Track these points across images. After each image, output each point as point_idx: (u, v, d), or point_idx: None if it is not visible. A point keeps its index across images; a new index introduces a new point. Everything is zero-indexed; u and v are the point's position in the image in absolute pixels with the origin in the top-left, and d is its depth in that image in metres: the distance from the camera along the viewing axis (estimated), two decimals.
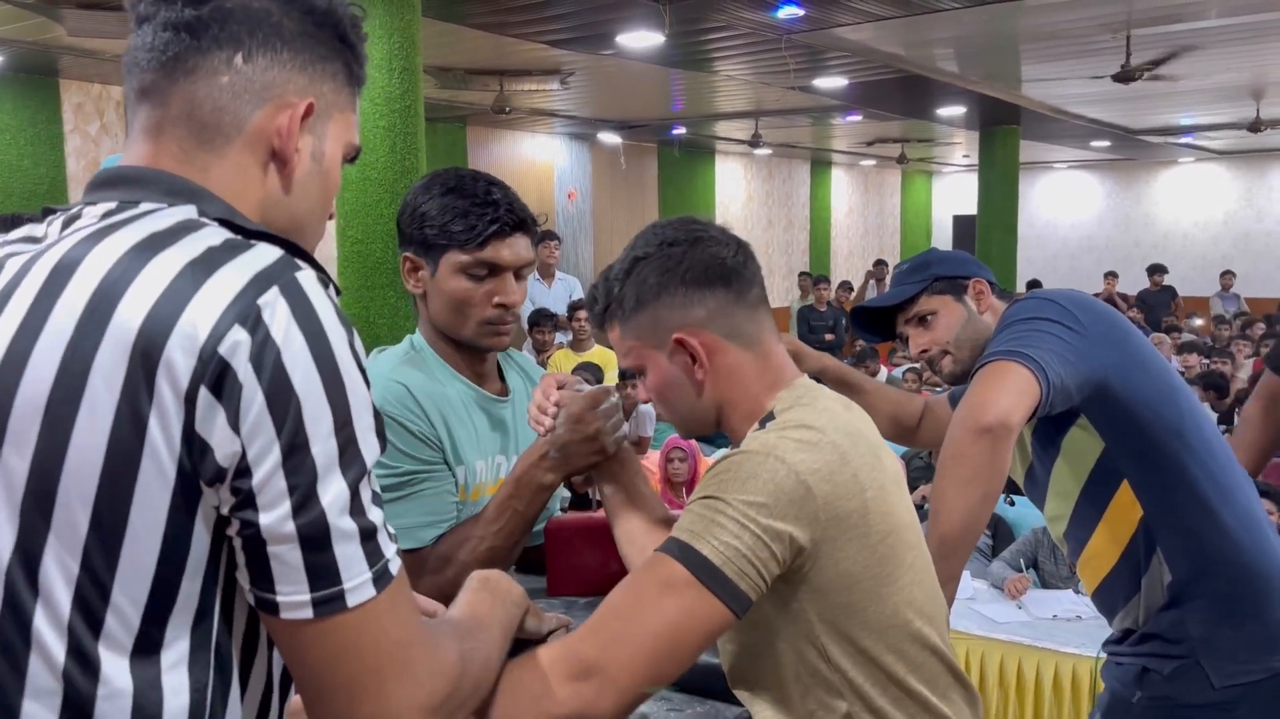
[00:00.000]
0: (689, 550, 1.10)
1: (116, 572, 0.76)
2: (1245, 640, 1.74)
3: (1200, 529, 1.76)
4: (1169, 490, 1.76)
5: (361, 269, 4.91)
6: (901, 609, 1.20)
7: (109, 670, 0.76)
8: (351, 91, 0.96)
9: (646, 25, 6.25)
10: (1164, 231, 16.50)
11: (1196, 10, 6.44)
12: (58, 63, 7.45)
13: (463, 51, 7.29)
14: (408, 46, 4.87)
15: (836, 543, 1.14)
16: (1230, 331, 10.12)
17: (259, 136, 0.88)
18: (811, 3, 5.93)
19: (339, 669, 0.79)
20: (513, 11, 5.99)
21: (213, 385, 0.74)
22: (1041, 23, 6.75)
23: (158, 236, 0.79)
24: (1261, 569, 1.76)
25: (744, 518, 1.11)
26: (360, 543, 0.78)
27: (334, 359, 0.78)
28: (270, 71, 0.88)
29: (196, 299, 0.75)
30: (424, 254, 1.63)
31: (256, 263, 0.78)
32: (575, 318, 6.60)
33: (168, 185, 0.86)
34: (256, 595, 0.78)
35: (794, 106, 9.97)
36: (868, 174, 17.67)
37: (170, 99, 0.87)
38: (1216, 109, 11.01)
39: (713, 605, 1.09)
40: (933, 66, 8.33)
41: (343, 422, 0.78)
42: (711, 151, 14.09)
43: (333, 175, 0.95)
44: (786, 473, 1.12)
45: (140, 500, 0.75)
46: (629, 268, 1.30)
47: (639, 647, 1.06)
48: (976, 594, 3.84)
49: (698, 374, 1.28)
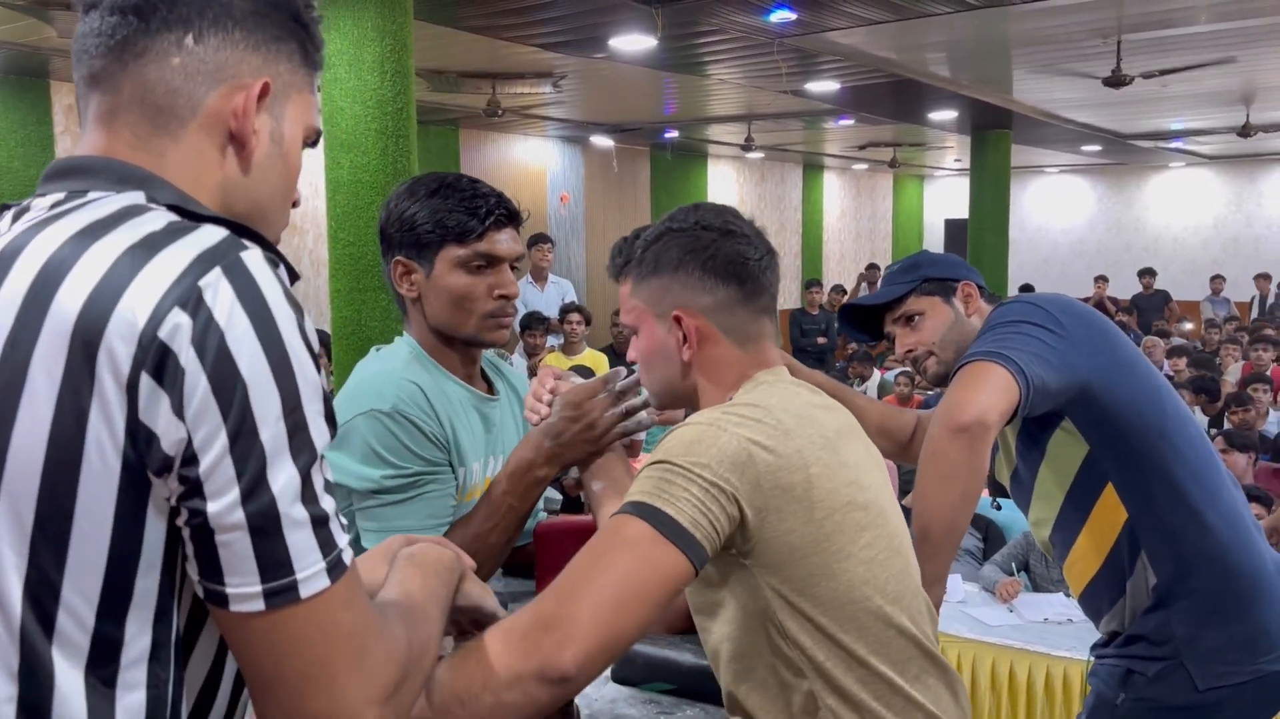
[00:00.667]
0: (643, 507, 1.13)
1: (65, 570, 0.73)
2: (1230, 642, 1.75)
3: (1184, 531, 1.76)
4: (1153, 493, 1.77)
5: (353, 271, 4.91)
6: (857, 586, 1.20)
7: (62, 670, 0.74)
8: (308, 73, 0.94)
9: (639, 29, 6.25)
10: (1154, 236, 16.55)
11: (1186, 16, 6.47)
12: (49, 64, 7.42)
13: (455, 54, 7.28)
14: (400, 49, 4.86)
15: (781, 513, 1.16)
16: (1220, 335, 10.16)
17: (215, 119, 0.86)
18: (803, 7, 5.94)
19: (289, 662, 0.75)
20: (505, 14, 5.98)
21: (154, 371, 0.72)
22: (1032, 28, 6.77)
23: (99, 223, 0.77)
24: (1245, 570, 1.76)
25: (691, 474, 1.14)
26: (313, 531, 0.75)
27: (281, 342, 0.75)
28: (223, 52, 0.86)
29: (135, 283, 0.73)
30: (417, 256, 1.63)
31: (199, 244, 0.76)
32: (567, 321, 6.59)
33: (117, 173, 0.84)
34: (205, 587, 0.75)
35: (786, 110, 9.99)
36: (860, 178, 17.70)
37: (121, 84, 0.85)
38: (1206, 114, 11.05)
39: (669, 553, 1.10)
40: (924, 71, 8.35)
41: (292, 406, 0.75)
42: (704, 155, 14.10)
43: (293, 158, 0.93)
44: (729, 438, 1.16)
45: (85, 494, 0.73)
46: (659, 234, 1.35)
47: (598, 597, 1.06)
48: (968, 597, 3.84)
49: (684, 354, 1.32)
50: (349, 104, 4.79)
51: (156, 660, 0.77)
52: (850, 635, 1.20)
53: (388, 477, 1.52)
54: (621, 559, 1.09)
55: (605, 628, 1.05)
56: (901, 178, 18.40)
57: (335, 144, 4.84)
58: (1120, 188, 17.01)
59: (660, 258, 1.34)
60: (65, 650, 0.74)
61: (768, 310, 1.35)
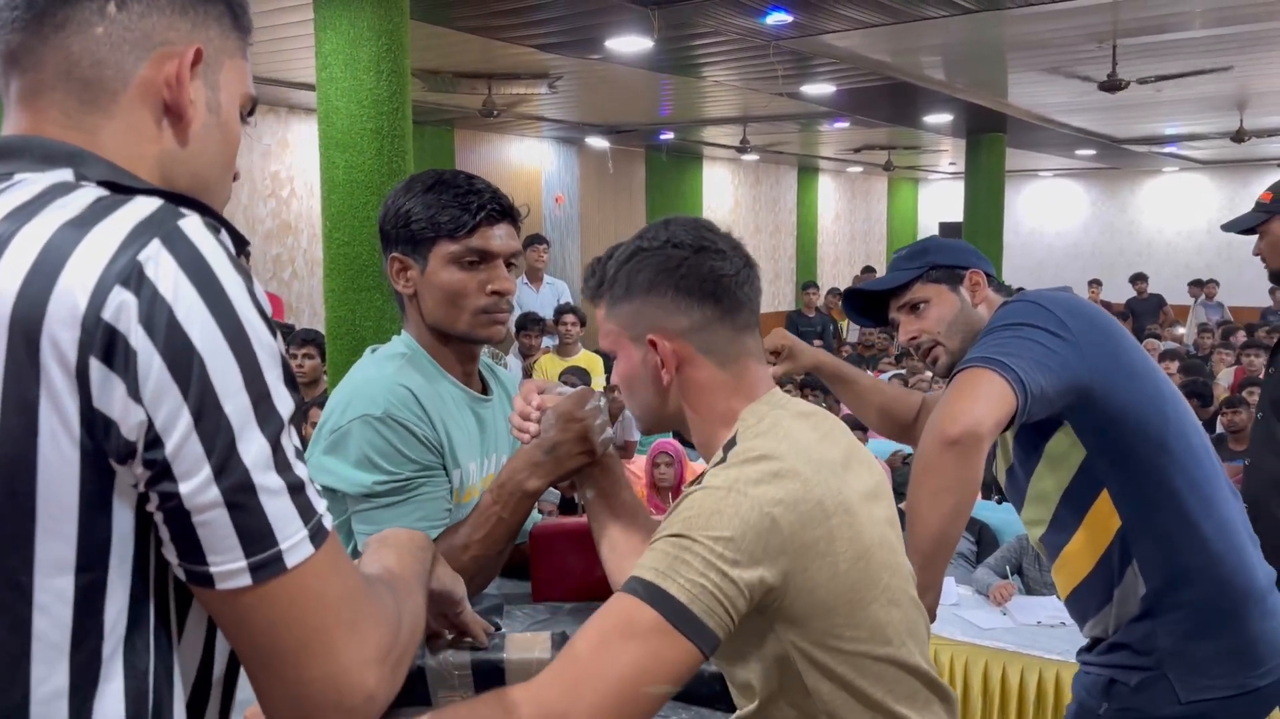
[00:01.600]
0: (654, 590, 1.07)
1: (34, 570, 0.71)
2: (1216, 655, 1.73)
3: (1178, 542, 1.74)
4: (1149, 502, 1.75)
5: (348, 271, 4.90)
6: (878, 631, 1.19)
7: (40, 672, 0.72)
8: (240, 37, 0.89)
9: (635, 30, 6.25)
10: (1148, 240, 16.61)
11: (1181, 21, 6.49)
12: None
13: (451, 54, 7.28)
14: (396, 49, 4.86)
15: (806, 572, 1.13)
16: (1212, 340, 10.18)
17: (148, 89, 0.82)
18: (800, 9, 5.95)
19: (285, 634, 0.74)
20: (501, 15, 5.98)
21: (103, 355, 0.68)
22: (1027, 32, 6.79)
23: (23, 207, 0.73)
24: (1238, 584, 1.74)
25: (711, 554, 1.08)
26: (290, 499, 0.73)
27: (233, 309, 0.72)
28: (149, 19, 0.81)
29: (71, 264, 0.69)
30: (412, 252, 1.63)
31: (133, 216, 0.72)
32: (562, 322, 6.59)
33: (42, 151, 0.79)
34: (187, 570, 0.73)
35: (782, 113, 10.00)
36: (854, 180, 17.72)
37: (44, 60, 0.80)
38: (1201, 119, 11.09)
39: (680, 646, 1.06)
40: (920, 74, 8.36)
41: (252, 375, 0.72)
42: (699, 156, 14.10)
43: (231, 128, 0.89)
44: (750, 506, 1.11)
45: (46, 491, 0.70)
46: (630, 254, 1.29)
47: (605, 692, 1.03)
48: (961, 600, 3.85)
49: (663, 378, 1.27)
50: (345, 103, 4.78)
51: (133, 651, 0.74)
52: (869, 680, 1.19)
53: (380, 482, 1.51)
54: (628, 651, 1.05)
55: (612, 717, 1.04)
56: (896, 181, 18.43)
57: (331, 144, 4.83)
58: (1114, 192, 17.06)
59: (632, 280, 1.27)
60: (44, 651, 0.72)
61: (748, 327, 1.29)
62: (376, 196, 4.82)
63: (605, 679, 1.04)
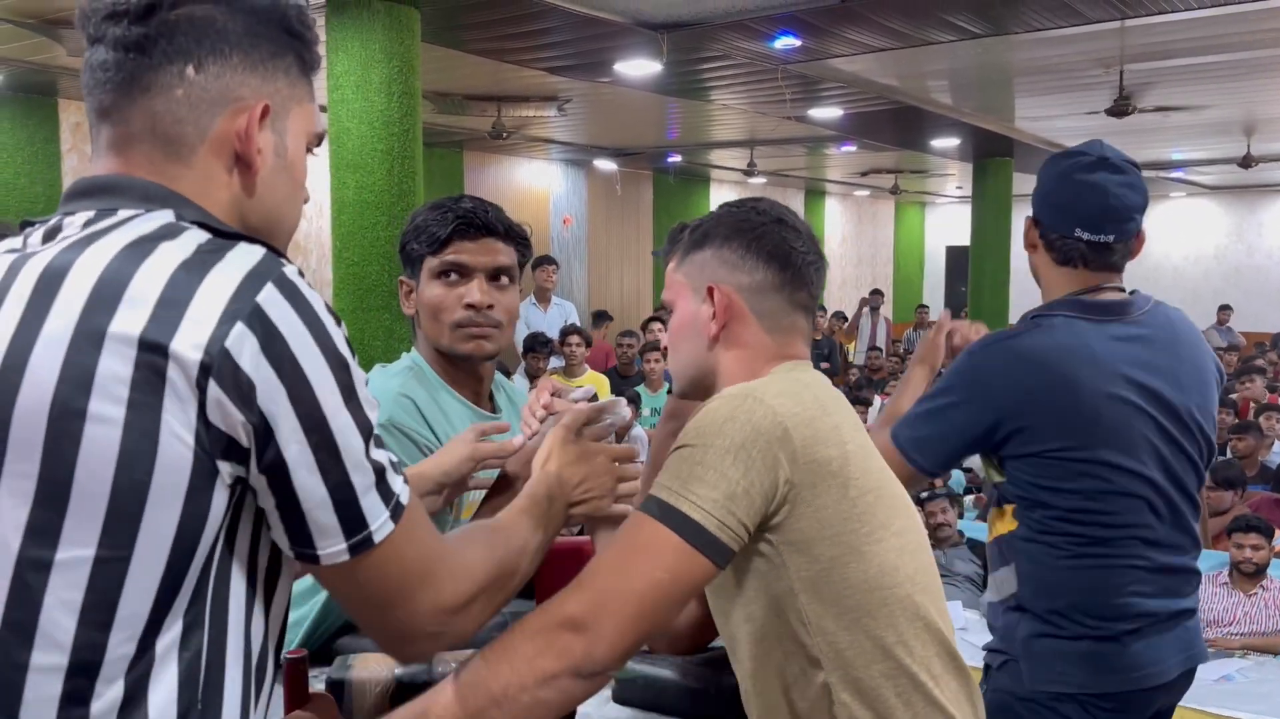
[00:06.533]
0: (669, 510, 1.12)
1: (127, 577, 0.81)
2: (1061, 654, 1.76)
3: (1056, 563, 1.77)
4: (1043, 540, 1.78)
5: (357, 291, 4.92)
6: (888, 571, 1.18)
7: (112, 653, 0.81)
8: (307, 81, 0.98)
9: (644, 54, 6.30)
10: (1155, 265, 16.59)
11: (1188, 47, 6.52)
12: (57, 83, 7.48)
13: (461, 77, 7.34)
14: (407, 71, 4.90)
15: (815, 489, 1.15)
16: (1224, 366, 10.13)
17: (221, 142, 0.91)
18: (808, 34, 5.99)
19: (372, 590, 0.91)
20: (512, 38, 6.03)
21: (221, 379, 0.80)
22: (1034, 57, 6.82)
23: (145, 240, 0.84)
24: (1109, 616, 1.75)
25: (723, 465, 1.12)
26: (377, 490, 0.88)
27: (333, 342, 0.86)
28: (223, 78, 0.91)
29: (197, 299, 0.80)
30: (412, 273, 1.69)
31: (246, 261, 0.84)
32: (567, 343, 6.60)
33: (142, 191, 0.89)
34: (298, 551, 0.88)
35: (789, 136, 10.04)
36: (861, 204, 17.76)
37: (131, 117, 0.90)
38: (1207, 145, 11.11)
39: (695, 560, 1.11)
40: (927, 98, 8.40)
41: (349, 394, 0.86)
42: (706, 179, 14.16)
43: (298, 167, 0.98)
44: (764, 413, 1.14)
45: (156, 498, 0.80)
46: (714, 214, 1.37)
47: (625, 603, 1.08)
48: (969, 625, 3.83)
49: (712, 328, 1.30)
50: (355, 125, 4.82)
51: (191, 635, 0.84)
52: (879, 622, 1.17)
53: None
54: (646, 568, 1.10)
55: (632, 630, 1.08)
56: (903, 204, 18.47)
57: (341, 164, 4.87)
58: None
59: (709, 233, 1.34)
60: (121, 634, 0.81)
61: (805, 307, 1.33)
62: (386, 217, 4.85)
63: (624, 592, 1.09)
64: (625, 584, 1.09)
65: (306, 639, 1.54)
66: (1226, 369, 9.89)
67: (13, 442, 0.80)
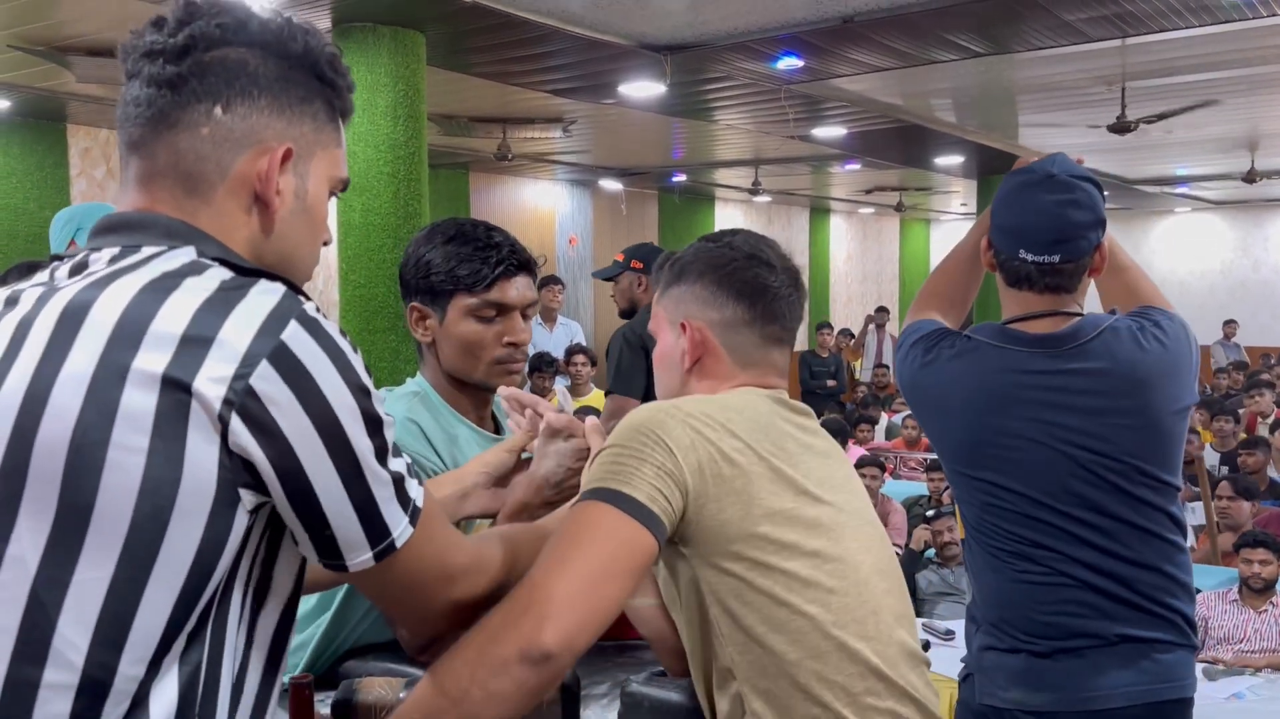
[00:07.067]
0: (601, 491, 1.17)
1: (143, 598, 0.83)
2: (1003, 667, 1.78)
3: (993, 565, 1.81)
4: (975, 547, 1.85)
5: (363, 313, 4.94)
6: (795, 592, 1.21)
7: (122, 674, 0.83)
8: (335, 127, 1.02)
9: (648, 75, 6.33)
10: (1160, 280, 16.20)
11: (1191, 63, 6.54)
12: (66, 108, 7.53)
13: (467, 100, 7.38)
14: (413, 94, 4.93)
15: (720, 503, 1.19)
16: (1228, 381, 10.13)
17: (241, 182, 0.94)
18: (810, 54, 6.01)
19: (397, 587, 0.98)
20: (516, 61, 6.07)
21: (243, 412, 0.83)
22: (1037, 74, 6.84)
23: (168, 277, 0.87)
24: (1040, 623, 1.76)
25: (643, 455, 1.18)
26: (396, 500, 0.94)
27: (355, 371, 0.89)
28: (249, 120, 0.94)
29: (221, 336, 0.83)
30: (431, 302, 1.67)
31: (269, 299, 0.87)
32: (572, 362, 6.61)
33: (165, 228, 0.92)
34: (326, 563, 0.93)
35: (793, 155, 10.07)
36: (866, 221, 17.78)
37: (157, 152, 0.93)
38: (1211, 160, 11.11)
39: (634, 529, 1.14)
40: (930, 116, 8.43)
41: (373, 423, 0.90)
42: (711, 198, 14.19)
43: (318, 211, 1.01)
44: (675, 424, 1.20)
45: (177, 522, 0.83)
46: (692, 249, 1.41)
47: (571, 575, 1.09)
48: None
49: (684, 362, 1.36)
50: (362, 148, 4.85)
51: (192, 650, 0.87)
52: (786, 639, 1.20)
53: None
54: (588, 540, 1.13)
55: (581, 604, 1.08)
56: (908, 221, 18.48)
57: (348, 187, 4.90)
58: (1126, 232, 17.05)
59: (685, 269, 1.38)
60: (132, 657, 0.83)
61: (778, 341, 1.37)
62: (392, 239, 4.88)
63: (572, 565, 1.10)
64: (569, 558, 1.11)
65: (312, 663, 1.55)
66: (1232, 385, 9.88)
67: (34, 470, 0.82)
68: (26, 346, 0.84)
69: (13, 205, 7.78)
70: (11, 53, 5.84)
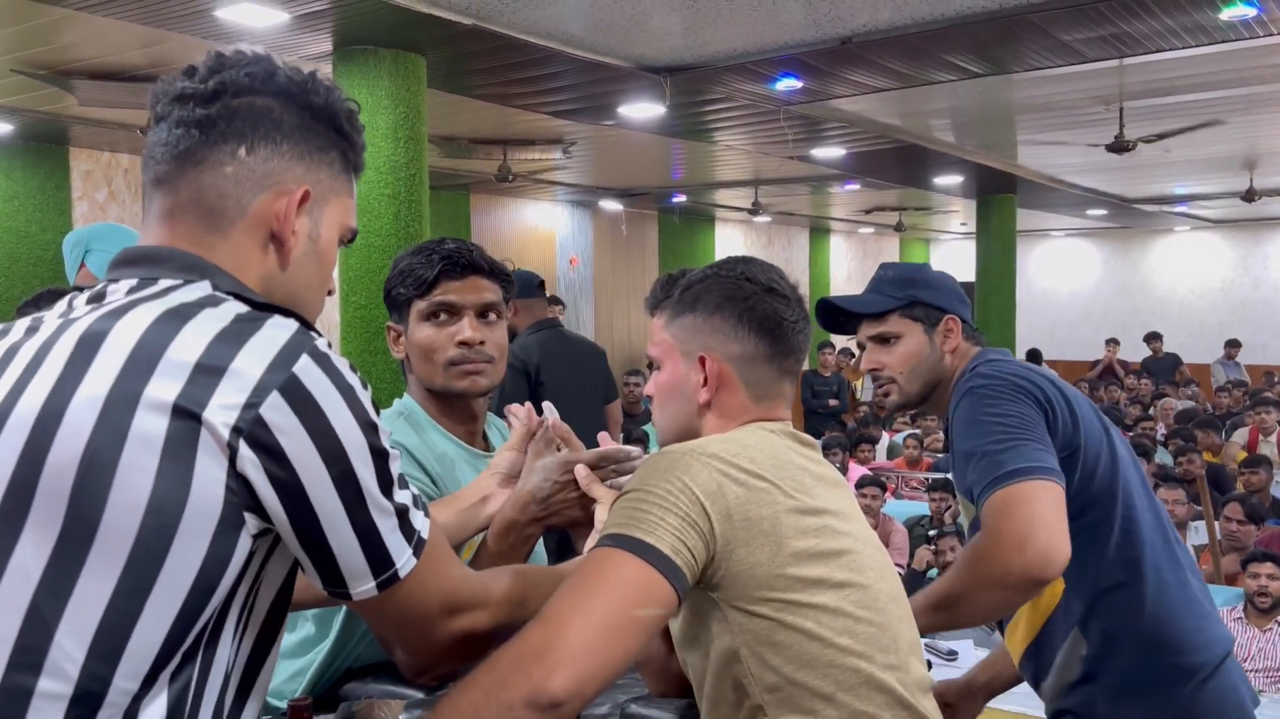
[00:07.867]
0: (620, 537, 1.14)
1: (142, 613, 0.84)
2: (1146, 717, 1.70)
3: (1116, 606, 1.71)
4: (1093, 567, 1.71)
5: (364, 334, 4.94)
6: (825, 627, 1.19)
7: (116, 687, 0.84)
8: (348, 178, 1.06)
9: (647, 97, 6.36)
10: (1161, 298, 16.58)
11: (1188, 83, 6.56)
12: (68, 131, 7.56)
13: (467, 121, 7.41)
14: (413, 117, 4.95)
15: (749, 546, 1.17)
16: (1229, 400, 10.11)
17: (259, 220, 0.99)
18: (809, 75, 6.04)
19: (399, 617, 1.00)
20: (516, 84, 6.10)
21: (252, 440, 0.86)
22: (1035, 94, 6.87)
23: (184, 308, 0.90)
24: (1173, 650, 1.70)
25: (666, 502, 1.15)
26: (400, 531, 0.96)
27: (363, 406, 0.92)
28: (270, 162, 0.98)
29: (233, 368, 0.86)
30: (399, 318, 1.71)
31: (282, 332, 0.90)
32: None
33: (181, 263, 0.96)
34: (330, 590, 0.95)
35: (792, 175, 10.10)
36: (866, 241, 17.81)
37: (180, 187, 0.97)
38: (1210, 179, 11.14)
39: (654, 580, 1.11)
40: (929, 137, 8.46)
41: (378, 453, 0.93)
42: (711, 218, 14.23)
43: (328, 255, 1.05)
44: (701, 467, 1.18)
45: (182, 540, 0.85)
46: (705, 277, 1.38)
47: (586, 624, 1.06)
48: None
49: (701, 395, 1.34)
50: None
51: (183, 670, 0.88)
52: (817, 675, 1.19)
53: None
54: (606, 588, 1.10)
55: (594, 654, 1.05)
56: (908, 241, 18.52)
57: None
58: (1126, 251, 17.09)
59: (700, 298, 1.36)
60: (126, 674, 0.85)
61: (790, 373, 1.37)
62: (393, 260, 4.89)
63: (588, 613, 1.07)
64: (585, 605, 1.08)
65: (312, 686, 1.54)
66: (1234, 404, 9.84)
67: (43, 485, 0.84)
68: (44, 370, 0.88)
69: (15, 228, 7.80)
70: (14, 77, 5.87)
